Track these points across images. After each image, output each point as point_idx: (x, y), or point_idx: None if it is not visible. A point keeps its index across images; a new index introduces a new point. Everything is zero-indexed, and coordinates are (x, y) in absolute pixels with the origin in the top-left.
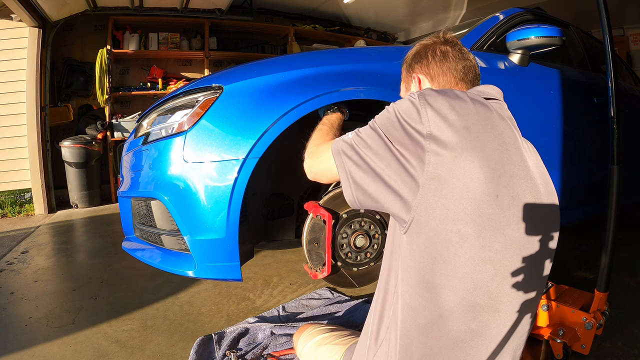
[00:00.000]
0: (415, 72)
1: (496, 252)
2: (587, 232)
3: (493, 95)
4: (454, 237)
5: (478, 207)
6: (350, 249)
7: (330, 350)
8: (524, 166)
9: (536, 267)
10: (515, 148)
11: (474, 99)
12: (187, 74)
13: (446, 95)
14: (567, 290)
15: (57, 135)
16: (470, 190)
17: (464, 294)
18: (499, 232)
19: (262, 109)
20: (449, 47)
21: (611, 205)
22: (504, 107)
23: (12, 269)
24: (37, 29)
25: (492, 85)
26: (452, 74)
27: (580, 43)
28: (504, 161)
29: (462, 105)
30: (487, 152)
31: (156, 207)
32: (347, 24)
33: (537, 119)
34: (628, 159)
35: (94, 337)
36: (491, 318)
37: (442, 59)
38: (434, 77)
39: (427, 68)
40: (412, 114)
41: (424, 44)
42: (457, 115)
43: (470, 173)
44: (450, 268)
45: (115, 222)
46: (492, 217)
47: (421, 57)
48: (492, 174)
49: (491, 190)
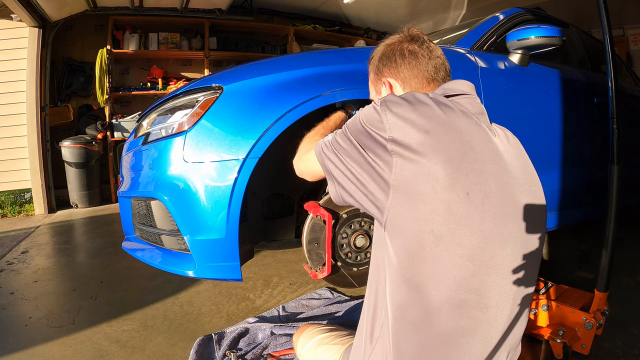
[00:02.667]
0: (384, 76)
1: (474, 249)
2: (587, 232)
3: (462, 91)
4: (428, 236)
5: (449, 206)
6: (350, 249)
7: (330, 349)
8: (497, 160)
9: (523, 261)
10: (484, 144)
11: (437, 101)
12: (187, 74)
13: (408, 100)
14: (567, 290)
15: (57, 135)
16: (438, 191)
17: (447, 292)
18: (474, 229)
19: (262, 109)
20: (417, 46)
21: (611, 205)
22: (475, 102)
23: (12, 269)
24: (37, 29)
25: (462, 80)
26: (423, 76)
27: (580, 43)
28: (469, 159)
29: (423, 109)
30: (450, 153)
31: (156, 207)
32: (347, 24)
33: (537, 119)
34: (628, 159)
35: (94, 337)
36: (480, 314)
37: (412, 61)
38: (405, 80)
39: (397, 72)
40: (374, 120)
41: (390, 44)
42: (418, 119)
43: (435, 174)
44: (429, 267)
45: (115, 222)
46: (465, 214)
47: (389, 60)
48: (458, 174)
49: (459, 189)
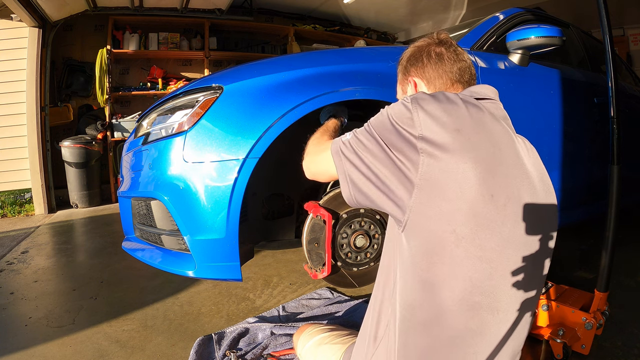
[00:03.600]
0: (411, 75)
1: (493, 251)
2: (587, 232)
3: (487, 95)
4: (449, 237)
5: (473, 207)
6: (350, 249)
7: (330, 349)
8: (519, 165)
9: (534, 266)
10: (509, 148)
11: (466, 101)
12: (187, 74)
13: (438, 98)
14: (567, 290)
15: (57, 135)
16: (464, 190)
17: (462, 293)
18: (495, 232)
19: (262, 109)
20: (444, 49)
21: (611, 205)
22: (499, 107)
23: (12, 269)
24: (37, 29)
25: (487, 85)
26: (447, 77)
27: (580, 43)
28: (497, 161)
29: (453, 108)
30: (480, 153)
31: (156, 207)
32: (347, 24)
33: (537, 119)
34: (628, 158)
35: (94, 337)
36: (490, 317)
37: (438, 62)
38: (430, 80)
39: (423, 71)
40: (404, 117)
41: (419, 46)
42: (448, 118)
43: (464, 174)
44: (447, 267)
45: (115, 222)
46: (488, 216)
47: (417, 60)
48: (486, 175)
49: (485, 190)
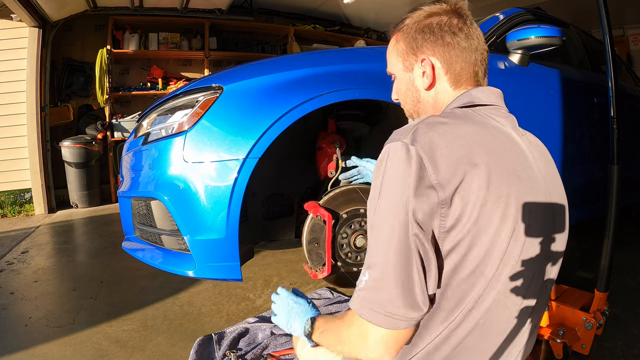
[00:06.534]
0: (424, 52)
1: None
2: (587, 232)
3: (491, 102)
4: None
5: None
6: (350, 249)
7: (330, 352)
8: (526, 168)
9: (539, 271)
10: (510, 152)
11: (481, 123)
12: (187, 74)
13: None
14: (567, 290)
15: (57, 135)
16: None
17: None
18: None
19: (262, 109)
20: (466, 26)
21: (611, 205)
22: (500, 112)
23: (12, 269)
24: (37, 29)
25: (493, 89)
26: (470, 64)
27: (580, 43)
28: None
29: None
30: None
31: (156, 207)
32: (347, 24)
33: (537, 119)
34: (628, 159)
35: (94, 337)
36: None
37: (462, 42)
38: (450, 63)
39: (445, 51)
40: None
41: (434, 13)
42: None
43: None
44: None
45: (115, 222)
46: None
47: (434, 36)
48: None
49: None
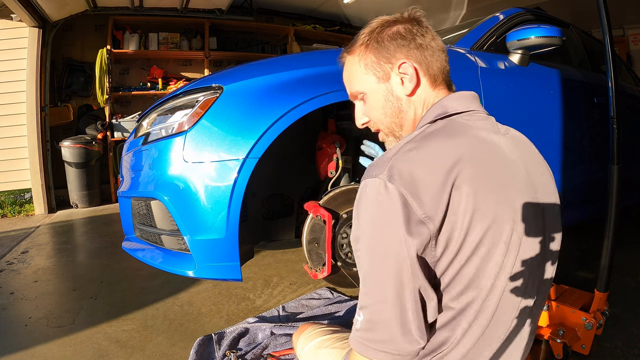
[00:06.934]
0: (398, 58)
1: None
2: (587, 232)
3: (467, 108)
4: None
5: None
6: (350, 249)
7: (330, 354)
8: (511, 174)
9: (537, 271)
10: (506, 164)
11: (465, 134)
12: (187, 74)
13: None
14: (567, 290)
15: (57, 135)
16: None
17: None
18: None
19: (262, 109)
20: (428, 29)
21: (611, 205)
22: (480, 116)
23: (12, 269)
24: (37, 29)
25: (465, 93)
26: (443, 65)
27: (580, 43)
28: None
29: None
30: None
31: (156, 207)
32: (347, 24)
33: (537, 119)
34: (628, 158)
35: (94, 337)
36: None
37: (432, 43)
38: (427, 64)
39: (419, 52)
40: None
41: (393, 20)
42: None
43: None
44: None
45: (115, 222)
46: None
47: (404, 37)
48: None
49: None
